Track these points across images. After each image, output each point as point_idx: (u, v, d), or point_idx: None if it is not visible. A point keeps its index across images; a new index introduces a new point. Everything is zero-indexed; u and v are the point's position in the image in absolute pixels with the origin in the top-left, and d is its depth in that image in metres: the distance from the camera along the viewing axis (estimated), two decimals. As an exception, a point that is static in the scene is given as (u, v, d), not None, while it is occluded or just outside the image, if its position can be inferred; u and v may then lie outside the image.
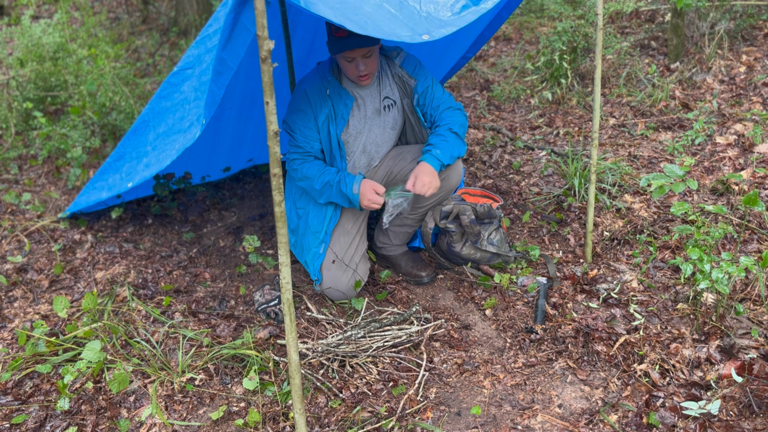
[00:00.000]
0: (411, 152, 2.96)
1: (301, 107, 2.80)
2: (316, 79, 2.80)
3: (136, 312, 2.90)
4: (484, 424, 2.26)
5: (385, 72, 2.89)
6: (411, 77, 2.88)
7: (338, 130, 2.81)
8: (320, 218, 2.89)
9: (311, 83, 2.80)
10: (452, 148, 2.79)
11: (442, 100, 2.91)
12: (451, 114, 2.88)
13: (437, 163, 2.74)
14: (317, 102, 2.78)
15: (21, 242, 3.52)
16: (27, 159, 4.42)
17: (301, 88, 2.81)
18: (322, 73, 2.81)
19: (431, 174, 2.71)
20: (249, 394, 2.45)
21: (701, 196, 3.39)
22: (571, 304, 2.77)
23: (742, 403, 2.16)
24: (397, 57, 2.90)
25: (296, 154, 2.84)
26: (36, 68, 4.87)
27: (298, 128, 2.81)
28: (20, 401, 2.48)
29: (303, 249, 2.94)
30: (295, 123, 2.82)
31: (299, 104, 2.81)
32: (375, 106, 2.88)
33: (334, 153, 2.85)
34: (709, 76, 4.77)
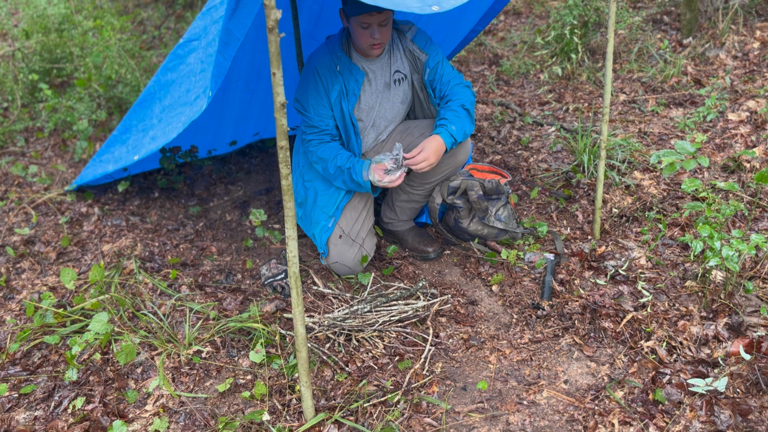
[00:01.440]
0: (418, 127, 2.93)
1: (313, 85, 2.75)
2: (326, 56, 2.76)
3: (143, 285, 2.90)
4: (490, 399, 2.26)
5: (396, 46, 2.85)
6: (422, 52, 2.84)
7: (350, 106, 2.78)
8: (331, 193, 2.87)
9: (321, 60, 2.75)
10: (464, 126, 2.76)
11: (453, 76, 2.87)
12: (462, 91, 2.84)
13: (450, 140, 2.71)
14: (328, 79, 2.74)
15: (28, 214, 3.52)
16: (33, 131, 4.41)
17: (311, 66, 2.77)
18: (331, 49, 2.76)
19: (436, 152, 2.67)
20: (255, 367, 2.46)
21: (712, 173, 3.35)
22: (578, 281, 2.76)
23: (749, 380, 2.15)
24: (409, 31, 2.86)
25: (312, 135, 2.80)
26: (41, 40, 4.84)
27: (312, 106, 2.76)
28: (29, 371, 2.50)
29: (311, 222, 2.93)
30: (307, 101, 2.77)
31: (310, 82, 2.76)
32: (385, 80, 2.85)
33: (349, 131, 2.82)
34: (722, 51, 4.69)
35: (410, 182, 2.97)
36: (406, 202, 3.03)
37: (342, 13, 2.67)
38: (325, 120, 2.78)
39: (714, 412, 2.06)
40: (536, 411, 2.20)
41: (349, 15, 2.61)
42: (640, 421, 2.09)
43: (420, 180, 2.93)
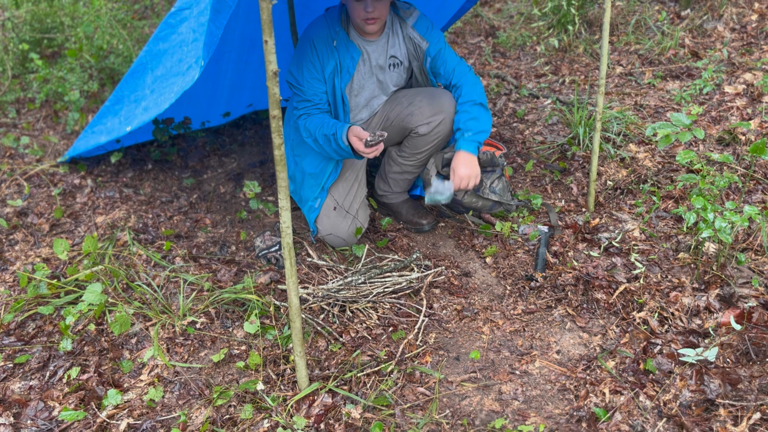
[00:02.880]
0: (406, 96, 2.89)
1: (309, 57, 2.70)
2: (324, 29, 2.71)
3: (137, 256, 2.90)
4: (483, 368, 2.28)
5: (395, 31, 2.81)
6: (423, 39, 2.80)
7: (343, 83, 2.75)
8: (319, 171, 2.85)
9: (318, 33, 2.71)
10: (482, 124, 2.74)
11: (456, 63, 2.86)
12: (470, 80, 2.83)
13: (473, 146, 2.71)
14: (324, 53, 2.70)
15: (20, 186, 3.50)
16: (25, 102, 4.36)
17: (308, 37, 2.72)
18: (330, 23, 2.72)
19: (469, 165, 2.67)
20: (250, 338, 2.47)
21: (707, 145, 3.35)
22: (572, 253, 2.77)
23: (739, 350, 2.17)
24: (410, 17, 2.81)
25: (304, 108, 2.75)
26: (31, 9, 4.76)
27: (306, 80, 2.72)
28: (23, 342, 2.50)
29: (301, 199, 2.93)
30: (302, 74, 2.73)
31: (306, 54, 2.71)
32: (380, 63, 2.82)
33: (338, 107, 2.79)
34: (720, 24, 4.65)
35: (402, 153, 2.96)
36: (398, 174, 3.02)
37: None
38: (318, 94, 2.75)
39: (704, 382, 2.08)
40: (528, 381, 2.22)
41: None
42: (631, 390, 2.11)
43: (411, 150, 2.91)
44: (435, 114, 2.82)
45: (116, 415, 2.18)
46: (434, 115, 2.82)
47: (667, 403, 2.05)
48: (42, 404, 2.23)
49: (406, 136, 2.91)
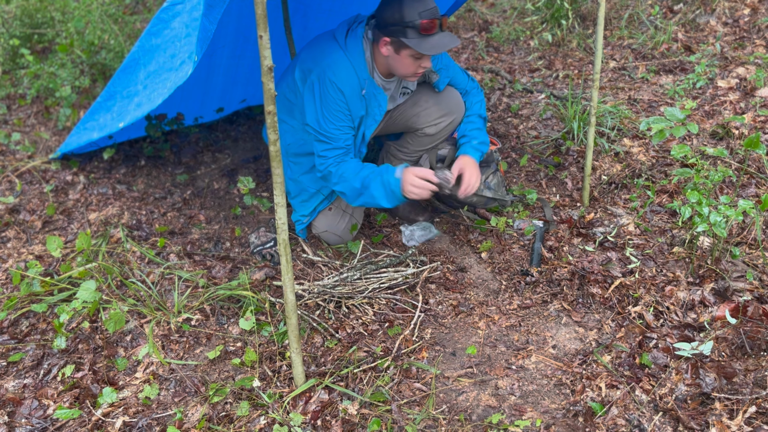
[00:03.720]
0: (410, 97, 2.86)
1: (340, 108, 2.55)
2: (352, 77, 2.53)
3: (131, 253, 2.88)
4: (479, 363, 2.28)
5: None
6: (433, 72, 2.77)
7: (369, 131, 2.70)
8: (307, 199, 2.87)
9: (346, 81, 2.53)
10: (485, 136, 2.83)
11: (464, 79, 2.90)
12: (477, 93, 2.90)
13: (477, 154, 2.75)
14: (355, 103, 2.57)
15: (12, 183, 3.47)
16: (15, 98, 4.32)
17: (335, 85, 2.52)
18: (356, 67, 2.53)
19: (476, 171, 2.69)
20: (245, 335, 2.46)
21: (701, 140, 3.35)
22: (567, 248, 2.77)
23: (734, 344, 2.18)
24: None
25: (334, 157, 2.61)
26: (21, 4, 4.71)
27: (339, 129, 2.57)
28: (17, 340, 2.48)
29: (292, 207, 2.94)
30: (334, 125, 2.56)
31: (337, 104, 2.54)
32: (394, 96, 2.80)
33: (357, 143, 2.74)
34: (713, 18, 4.66)
35: (403, 149, 2.95)
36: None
37: (384, 38, 2.47)
38: (350, 140, 2.62)
39: (699, 375, 2.09)
40: (525, 375, 2.22)
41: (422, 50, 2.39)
42: (627, 384, 2.11)
43: (415, 147, 2.91)
44: (444, 115, 2.83)
45: (111, 413, 2.17)
46: (442, 117, 2.83)
47: (663, 397, 2.06)
48: (36, 403, 2.22)
49: (407, 132, 2.91)
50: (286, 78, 2.76)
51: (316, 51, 2.61)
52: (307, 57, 2.64)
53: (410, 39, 2.40)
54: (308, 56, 2.63)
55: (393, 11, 2.40)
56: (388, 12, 2.41)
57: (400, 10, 2.39)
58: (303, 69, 2.62)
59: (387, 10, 2.42)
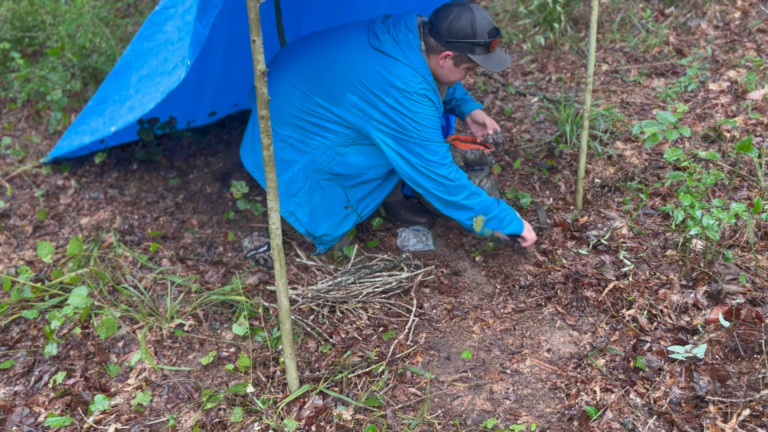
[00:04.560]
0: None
1: (433, 110, 2.52)
2: (431, 89, 2.52)
3: (123, 258, 2.86)
4: (474, 368, 2.28)
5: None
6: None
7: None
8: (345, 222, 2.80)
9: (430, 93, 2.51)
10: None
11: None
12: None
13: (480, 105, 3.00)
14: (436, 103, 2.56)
15: (2, 187, 3.44)
16: (6, 102, 4.29)
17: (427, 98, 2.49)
18: (425, 76, 2.49)
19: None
20: (239, 340, 2.44)
21: (693, 143, 3.37)
22: (561, 251, 2.77)
23: (728, 347, 2.19)
24: None
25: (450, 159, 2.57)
26: (12, 7, 4.68)
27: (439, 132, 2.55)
28: (7, 347, 2.46)
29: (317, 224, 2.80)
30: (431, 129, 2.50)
31: (431, 108, 2.50)
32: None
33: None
34: (704, 21, 4.68)
35: None
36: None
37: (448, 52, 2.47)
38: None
39: (693, 378, 2.09)
40: (519, 379, 2.22)
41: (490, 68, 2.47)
42: (621, 387, 2.11)
43: None
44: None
45: (104, 421, 2.15)
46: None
47: (657, 401, 2.06)
48: (27, 410, 2.20)
49: None
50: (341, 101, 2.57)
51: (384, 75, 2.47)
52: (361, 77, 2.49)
53: (477, 56, 2.47)
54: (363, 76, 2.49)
55: (464, 27, 2.42)
56: (457, 28, 2.43)
57: (473, 28, 2.42)
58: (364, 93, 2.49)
59: (455, 26, 2.43)
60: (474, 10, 2.46)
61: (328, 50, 2.60)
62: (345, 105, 2.53)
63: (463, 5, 2.47)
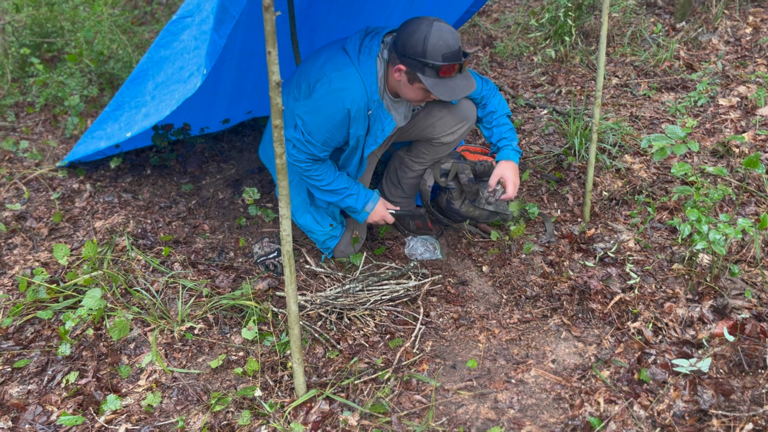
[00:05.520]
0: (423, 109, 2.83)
1: (338, 123, 2.48)
2: (362, 97, 2.45)
3: (136, 262, 2.91)
4: (479, 377, 2.30)
5: None
6: None
7: (367, 151, 2.64)
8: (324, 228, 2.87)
9: (356, 100, 2.44)
10: (515, 134, 2.86)
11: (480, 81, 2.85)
12: (495, 92, 2.88)
13: (518, 156, 2.82)
14: (358, 123, 2.51)
15: (19, 190, 3.51)
16: (24, 106, 4.37)
17: (342, 103, 2.44)
18: (368, 88, 2.45)
19: (515, 173, 2.78)
20: (248, 344, 2.48)
21: (701, 158, 3.38)
22: (567, 263, 2.79)
23: (732, 361, 2.20)
24: None
25: (306, 159, 2.59)
26: (32, 13, 4.77)
27: (325, 140, 2.53)
28: (21, 346, 2.51)
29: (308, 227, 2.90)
30: (321, 135, 2.51)
31: (335, 118, 2.47)
32: (405, 113, 2.71)
33: (353, 164, 2.72)
34: (715, 36, 4.71)
35: (419, 159, 2.95)
36: (413, 179, 3.02)
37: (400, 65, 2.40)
38: (328, 153, 2.61)
39: (697, 392, 2.11)
40: (524, 389, 2.24)
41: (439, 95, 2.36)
42: (625, 399, 2.13)
43: (431, 156, 2.92)
44: (459, 123, 2.84)
45: (114, 420, 2.19)
46: (458, 124, 2.84)
47: (661, 413, 2.08)
48: (40, 408, 2.24)
49: (420, 140, 2.93)
50: (291, 91, 2.67)
51: (326, 63, 2.51)
52: (312, 68, 2.55)
53: (427, 78, 2.34)
54: (315, 67, 2.55)
55: (416, 44, 2.30)
56: (411, 42, 2.31)
57: (424, 46, 2.29)
58: (310, 81, 2.55)
59: (410, 40, 2.32)
60: (434, 28, 2.30)
61: (314, 54, 2.67)
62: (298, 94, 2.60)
63: (428, 21, 2.33)
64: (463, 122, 2.84)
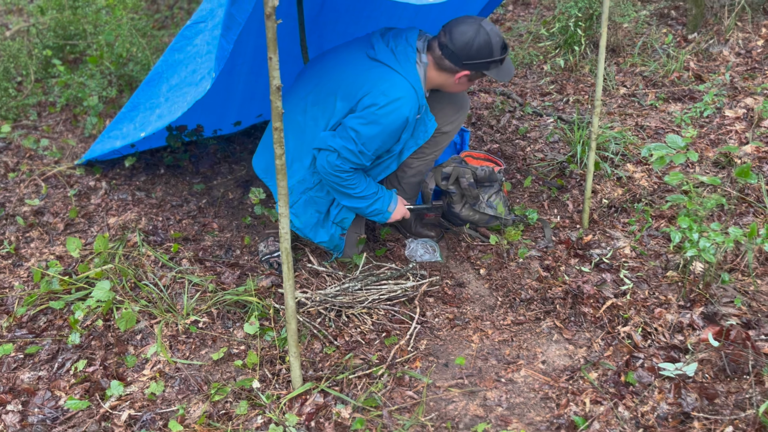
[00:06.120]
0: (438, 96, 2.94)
1: (395, 131, 2.61)
2: (415, 104, 2.59)
3: (146, 257, 3.02)
4: (470, 375, 2.37)
5: None
6: None
7: (407, 153, 2.80)
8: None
9: (413, 108, 2.58)
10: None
11: None
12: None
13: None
14: (410, 127, 2.67)
15: (38, 186, 3.65)
16: (46, 106, 4.53)
17: (400, 112, 2.54)
18: (419, 93, 2.60)
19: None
20: (249, 338, 2.57)
21: (703, 167, 3.42)
22: (564, 268, 2.85)
23: (718, 366, 2.25)
24: None
25: (350, 169, 2.65)
26: (55, 16, 4.94)
27: (377, 149, 2.64)
28: (34, 335, 2.63)
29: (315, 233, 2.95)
30: (376, 144, 2.60)
31: (393, 127, 2.58)
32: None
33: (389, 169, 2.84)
34: (726, 48, 4.73)
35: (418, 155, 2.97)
36: (413, 177, 3.07)
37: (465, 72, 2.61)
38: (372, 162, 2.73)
39: (681, 395, 2.16)
40: (513, 388, 2.30)
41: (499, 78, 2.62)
42: (611, 400, 2.19)
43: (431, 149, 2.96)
44: (457, 112, 2.94)
45: (118, 407, 2.29)
46: (456, 113, 2.94)
47: (644, 415, 2.13)
48: (49, 393, 2.35)
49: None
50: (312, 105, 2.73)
51: (364, 74, 2.59)
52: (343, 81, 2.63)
53: (491, 71, 2.62)
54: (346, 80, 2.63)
55: (482, 49, 2.53)
56: (474, 50, 2.53)
57: (490, 48, 2.54)
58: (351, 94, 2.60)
59: (472, 48, 2.52)
60: (486, 28, 2.56)
61: (330, 62, 2.76)
62: (336, 113, 2.65)
63: (476, 24, 2.55)
64: (461, 111, 2.94)
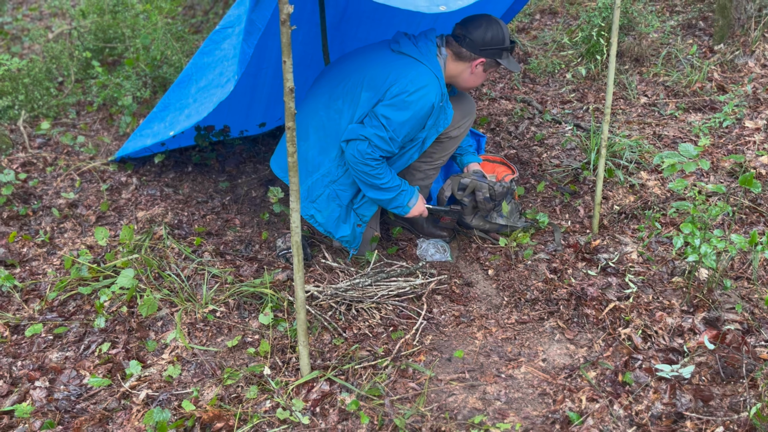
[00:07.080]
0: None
1: (423, 117, 2.76)
2: (439, 91, 2.76)
3: (170, 249, 3.18)
4: (472, 370, 2.46)
5: None
6: None
7: (430, 141, 2.92)
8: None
9: (437, 94, 2.75)
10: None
11: None
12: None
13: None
14: (435, 114, 2.81)
15: (73, 180, 3.85)
16: (84, 105, 4.75)
17: (428, 98, 2.72)
18: (440, 81, 2.77)
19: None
20: (263, 328, 2.70)
21: (717, 177, 3.45)
22: (570, 271, 2.92)
23: (714, 369, 2.29)
24: None
25: (380, 157, 2.78)
26: (96, 20, 5.18)
27: (406, 135, 2.78)
28: (63, 318, 2.80)
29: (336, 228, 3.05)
30: (405, 130, 2.75)
31: (421, 113, 2.74)
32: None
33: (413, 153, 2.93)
34: (752, 59, 4.72)
35: (427, 159, 3.09)
36: (422, 180, 3.18)
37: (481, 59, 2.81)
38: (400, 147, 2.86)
39: (676, 396, 2.21)
40: (512, 384, 2.38)
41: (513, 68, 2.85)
42: (606, 398, 2.25)
43: (440, 153, 3.07)
44: (464, 117, 3.06)
45: (137, 386, 2.44)
46: (464, 119, 3.06)
47: (639, 413, 2.19)
48: (75, 372, 2.51)
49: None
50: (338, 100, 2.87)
51: (389, 66, 2.76)
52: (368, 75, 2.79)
53: (503, 59, 2.83)
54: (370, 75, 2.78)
55: (495, 35, 2.77)
56: (488, 37, 2.76)
57: (502, 35, 2.78)
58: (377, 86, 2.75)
59: (486, 35, 2.76)
60: (498, 20, 2.81)
61: (353, 60, 2.94)
62: (361, 104, 2.80)
63: (488, 17, 2.81)
64: (468, 116, 3.06)
